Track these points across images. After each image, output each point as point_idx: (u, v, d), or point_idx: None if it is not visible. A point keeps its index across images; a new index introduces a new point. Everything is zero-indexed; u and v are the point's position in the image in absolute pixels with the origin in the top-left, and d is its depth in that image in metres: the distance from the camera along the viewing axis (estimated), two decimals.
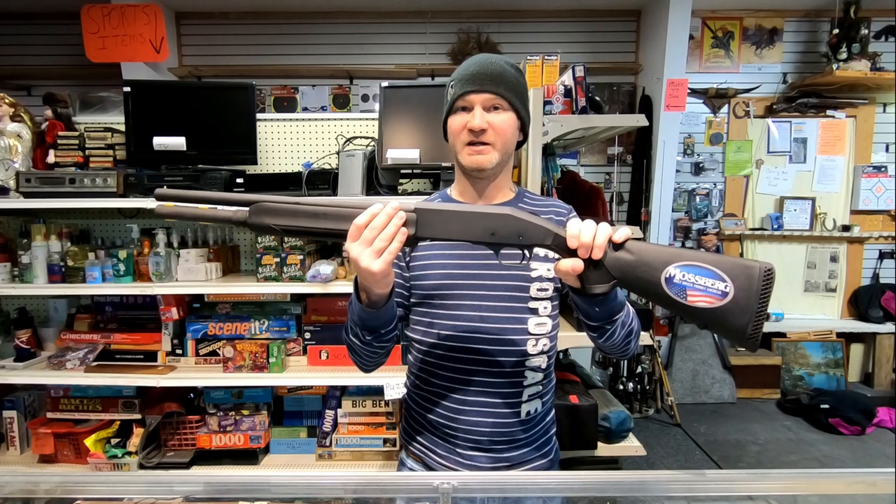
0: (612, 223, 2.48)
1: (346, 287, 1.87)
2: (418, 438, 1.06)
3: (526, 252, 0.81)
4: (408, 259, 1.04)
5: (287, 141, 2.26)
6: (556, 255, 0.89)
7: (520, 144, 1.04)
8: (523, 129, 1.01)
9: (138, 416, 2.02)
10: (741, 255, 3.87)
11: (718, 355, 3.62)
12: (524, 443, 1.02)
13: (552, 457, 1.07)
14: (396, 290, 0.90)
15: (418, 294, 1.02)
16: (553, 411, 1.10)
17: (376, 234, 0.72)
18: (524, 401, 1.00)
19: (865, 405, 3.16)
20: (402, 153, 1.88)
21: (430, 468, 1.04)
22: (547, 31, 3.79)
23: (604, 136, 2.31)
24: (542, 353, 1.00)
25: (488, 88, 0.93)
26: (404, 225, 0.74)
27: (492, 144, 0.95)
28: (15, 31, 3.80)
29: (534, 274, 0.98)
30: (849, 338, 3.78)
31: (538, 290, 0.98)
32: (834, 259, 3.90)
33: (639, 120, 1.84)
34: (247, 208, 0.73)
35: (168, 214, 0.74)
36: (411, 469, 1.08)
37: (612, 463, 2.00)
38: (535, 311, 0.98)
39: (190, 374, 1.96)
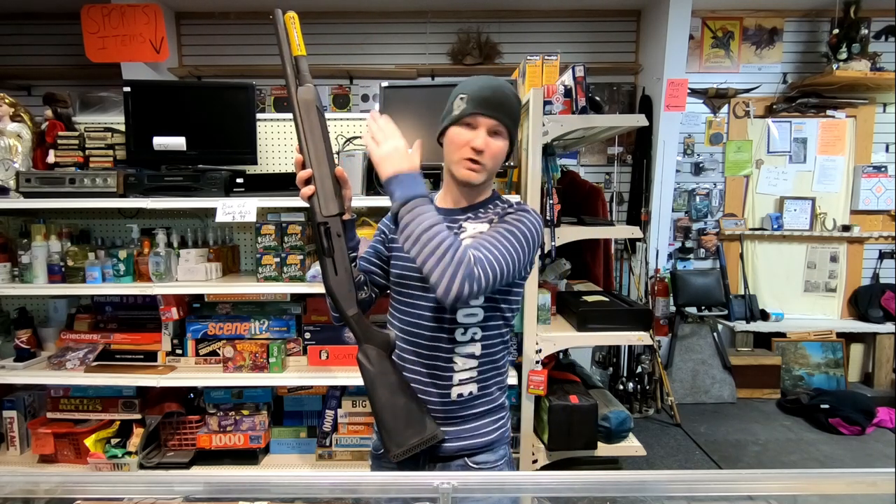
0: (611, 223, 2.46)
1: None
2: None
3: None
4: (388, 244, 1.20)
5: (287, 141, 2.26)
6: None
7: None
8: (509, 153, 1.12)
9: (138, 416, 2.02)
10: (741, 255, 3.88)
11: (718, 355, 3.62)
12: (457, 420, 1.10)
13: (492, 437, 1.12)
14: (371, 258, 1.20)
15: (391, 280, 1.18)
16: (501, 400, 1.17)
17: None
18: (455, 384, 1.09)
19: (865, 405, 3.16)
20: None
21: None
22: (547, 31, 3.79)
23: (604, 136, 2.31)
24: (472, 341, 1.09)
25: (497, 116, 1.03)
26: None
27: (484, 165, 1.05)
28: (15, 31, 3.80)
29: None
30: (849, 338, 3.78)
31: None
32: (834, 259, 3.90)
33: (639, 120, 1.84)
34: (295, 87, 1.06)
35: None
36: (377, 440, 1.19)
37: (612, 463, 2.00)
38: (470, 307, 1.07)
39: (190, 374, 1.96)
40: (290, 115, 2.27)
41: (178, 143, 1.99)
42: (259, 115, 2.13)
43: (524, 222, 1.05)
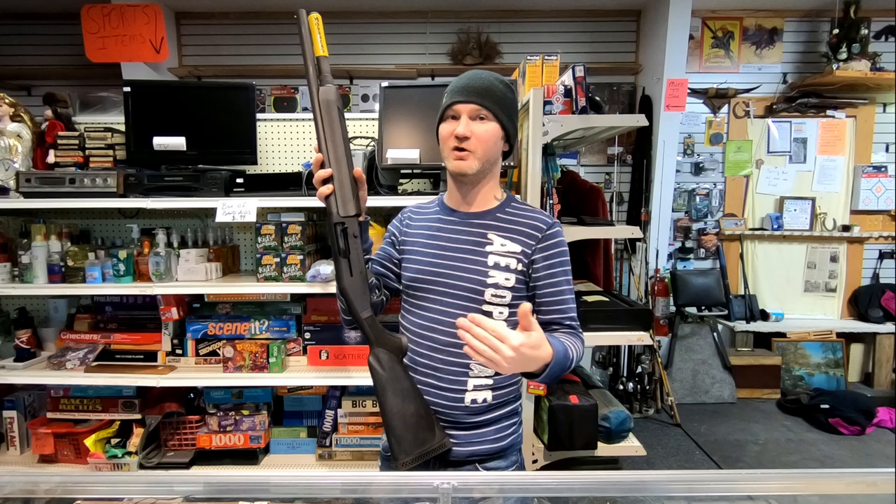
0: (611, 223, 2.45)
1: None
2: None
3: None
4: (399, 246, 1.19)
5: (287, 141, 2.26)
6: (516, 267, 1.06)
7: (506, 155, 1.13)
8: (509, 139, 1.10)
9: (138, 416, 2.02)
10: (741, 255, 3.88)
11: (718, 355, 3.61)
12: (468, 426, 1.09)
13: (504, 444, 1.12)
14: (383, 261, 1.18)
15: (403, 283, 1.16)
16: (514, 406, 1.16)
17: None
18: (469, 390, 1.08)
19: (865, 405, 3.16)
20: (402, 153, 1.88)
21: None
22: (547, 31, 3.79)
23: (604, 136, 2.31)
24: None
25: (473, 100, 1.03)
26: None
27: (473, 152, 1.04)
28: (15, 31, 3.80)
29: (490, 280, 1.06)
30: (849, 338, 3.78)
31: (492, 295, 1.06)
32: (834, 259, 3.90)
33: (639, 120, 1.84)
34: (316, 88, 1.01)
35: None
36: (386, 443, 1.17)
37: (612, 463, 2.00)
38: (489, 314, 1.06)
39: (190, 374, 1.96)
40: (289, 116, 2.29)
41: (178, 143, 1.99)
42: (259, 115, 2.13)
43: (565, 252, 1.09)
